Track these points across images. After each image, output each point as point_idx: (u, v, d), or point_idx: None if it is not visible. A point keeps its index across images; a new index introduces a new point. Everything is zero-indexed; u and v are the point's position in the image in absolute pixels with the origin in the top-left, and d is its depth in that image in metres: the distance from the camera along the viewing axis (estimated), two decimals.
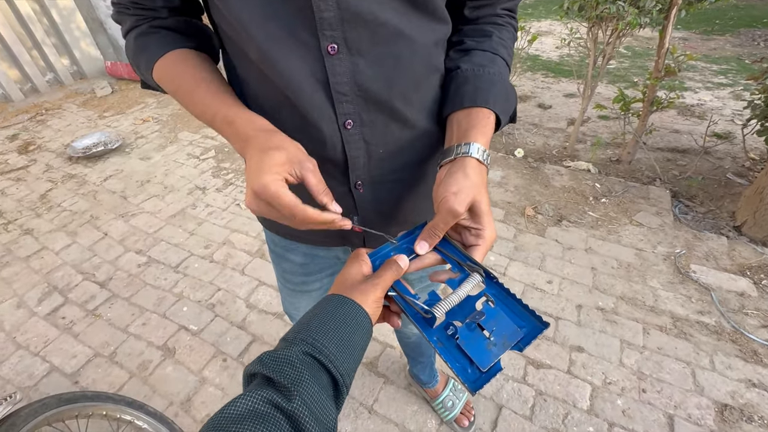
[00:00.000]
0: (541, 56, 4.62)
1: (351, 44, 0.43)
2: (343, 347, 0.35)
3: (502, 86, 0.51)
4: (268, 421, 0.28)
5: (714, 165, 2.45)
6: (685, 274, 1.69)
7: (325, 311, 0.38)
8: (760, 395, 1.27)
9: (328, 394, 0.32)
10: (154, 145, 2.86)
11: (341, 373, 0.34)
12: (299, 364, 0.32)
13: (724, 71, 4.00)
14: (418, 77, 0.50)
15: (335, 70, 0.45)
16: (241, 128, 0.43)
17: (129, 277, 1.80)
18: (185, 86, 0.48)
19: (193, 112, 0.48)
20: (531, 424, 1.22)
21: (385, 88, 0.47)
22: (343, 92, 0.46)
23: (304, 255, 0.71)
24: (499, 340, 0.38)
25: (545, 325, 0.38)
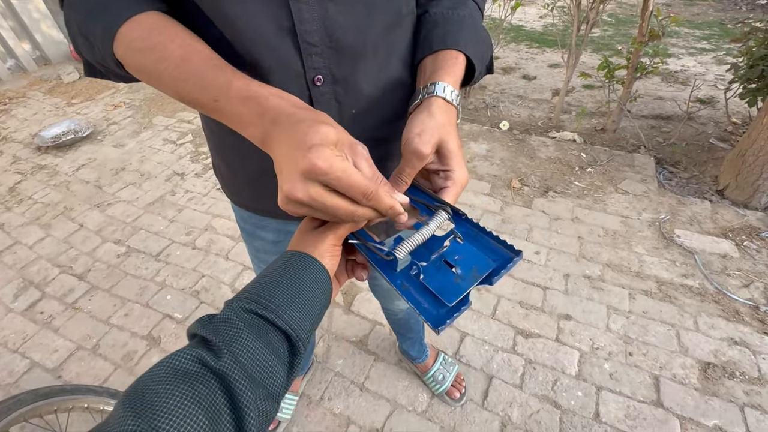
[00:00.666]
0: (525, 27, 4.52)
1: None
2: (292, 300, 0.32)
3: (473, 28, 0.47)
4: (194, 379, 0.25)
5: (697, 130, 2.45)
6: (670, 239, 1.70)
7: (274, 268, 0.35)
8: (742, 352, 1.30)
9: (275, 352, 0.30)
10: (127, 131, 2.75)
11: (292, 328, 0.31)
12: (238, 322, 0.29)
13: (707, 36, 3.98)
14: (390, 26, 0.46)
15: (302, 15, 0.40)
16: (270, 104, 0.34)
17: (108, 268, 1.74)
18: (172, 57, 0.35)
19: (183, 91, 0.36)
20: (521, 393, 1.24)
21: (358, 38, 0.43)
22: (312, 42, 0.41)
23: (276, 231, 0.67)
24: (468, 274, 0.35)
25: (517, 254, 0.35)
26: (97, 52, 0.39)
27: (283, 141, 0.32)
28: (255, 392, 0.27)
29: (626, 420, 1.16)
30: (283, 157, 0.32)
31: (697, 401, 1.19)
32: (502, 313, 1.46)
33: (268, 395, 0.28)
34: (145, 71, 0.37)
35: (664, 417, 1.16)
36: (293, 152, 0.31)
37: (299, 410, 1.23)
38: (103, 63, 0.40)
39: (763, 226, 1.74)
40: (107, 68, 0.41)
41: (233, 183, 0.61)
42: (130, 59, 0.37)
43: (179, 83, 0.36)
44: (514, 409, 1.20)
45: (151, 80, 0.38)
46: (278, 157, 0.32)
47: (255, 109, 0.34)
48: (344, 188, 0.31)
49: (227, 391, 0.26)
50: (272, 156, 0.34)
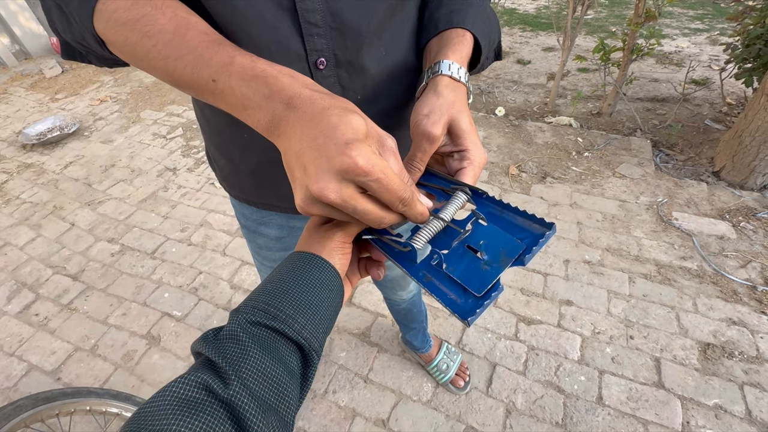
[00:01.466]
0: (518, 10, 4.46)
1: None
2: (304, 307, 0.30)
3: (480, 7, 0.45)
4: (202, 411, 0.23)
5: (692, 112, 2.45)
6: (668, 221, 1.71)
7: (280, 272, 0.32)
8: (740, 332, 1.32)
9: (287, 368, 0.27)
10: (115, 126, 2.68)
11: (305, 337, 0.29)
12: (245, 338, 0.27)
13: (701, 16, 3.95)
14: (395, 6, 0.43)
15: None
16: (280, 84, 0.29)
17: (103, 268, 1.71)
18: (162, 32, 0.31)
19: (174, 72, 0.31)
20: (525, 379, 1.24)
21: (363, 18, 0.40)
22: (314, 22, 0.39)
23: (279, 227, 0.65)
24: (496, 258, 0.32)
25: (549, 227, 0.31)
26: (75, 27, 0.33)
27: (304, 129, 0.28)
28: (267, 421, 0.25)
29: (629, 402, 1.17)
30: (308, 149, 0.27)
31: (697, 381, 1.20)
32: (504, 301, 1.46)
33: (281, 422, 0.26)
34: (129, 47, 0.32)
35: (666, 398, 1.17)
36: (324, 146, 0.26)
37: (304, 404, 1.23)
38: (81, 41, 0.35)
39: (759, 206, 1.75)
40: (87, 47, 0.35)
41: (232, 176, 0.59)
42: (112, 34, 0.32)
43: (170, 62, 0.31)
44: (519, 396, 1.21)
45: (137, 59, 0.32)
46: (298, 148, 0.28)
47: (262, 89, 0.29)
48: (382, 191, 0.27)
49: (237, 422, 0.24)
50: (284, 145, 0.29)
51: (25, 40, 3.64)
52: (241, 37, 0.38)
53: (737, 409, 1.14)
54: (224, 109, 0.32)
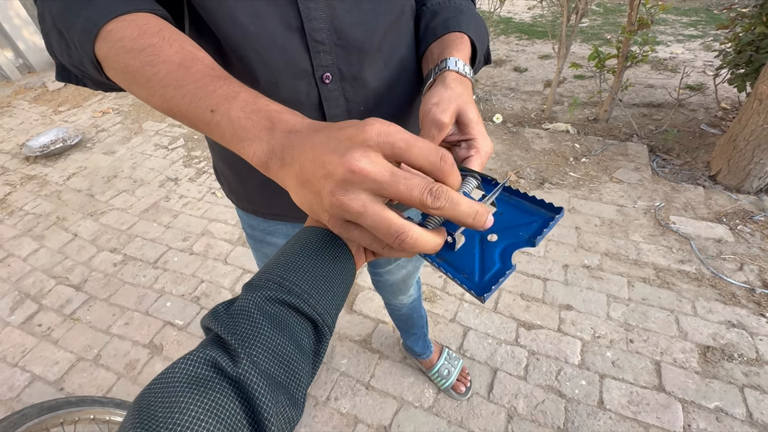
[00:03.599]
0: (514, 18, 4.53)
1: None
2: (318, 282, 0.29)
3: (471, 14, 0.48)
4: (210, 389, 0.22)
5: (688, 117, 2.48)
6: (665, 225, 1.72)
7: (293, 247, 0.31)
8: (740, 334, 1.32)
9: (299, 346, 0.27)
10: (117, 137, 2.71)
11: (319, 313, 0.28)
12: (258, 316, 0.26)
13: (694, 23, 4.01)
14: (393, 22, 0.46)
15: (311, 14, 0.40)
16: (283, 118, 0.29)
17: (105, 277, 1.72)
18: (167, 62, 0.31)
19: (172, 100, 0.31)
20: (526, 384, 1.25)
21: (365, 35, 0.43)
22: (321, 40, 0.42)
23: (286, 237, 0.67)
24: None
25: (558, 212, 0.32)
26: (74, 52, 0.34)
27: (316, 140, 0.27)
28: (277, 399, 0.24)
29: (630, 406, 1.18)
30: (311, 160, 0.26)
31: (698, 384, 1.21)
32: (504, 306, 1.47)
33: (291, 400, 0.26)
34: (129, 75, 0.32)
35: (667, 401, 1.18)
36: (324, 154, 0.26)
37: (306, 411, 1.24)
38: (79, 66, 0.35)
39: (755, 209, 1.76)
40: (83, 71, 0.36)
41: (240, 189, 0.61)
42: (114, 60, 0.32)
43: (169, 90, 0.31)
44: (520, 401, 1.21)
45: (134, 86, 0.33)
46: (312, 159, 0.26)
47: (263, 122, 0.29)
48: (403, 191, 0.26)
49: (246, 401, 0.23)
50: (293, 170, 0.28)
51: (29, 54, 3.70)
52: (251, 56, 0.41)
53: (738, 411, 1.14)
54: (217, 140, 0.31)
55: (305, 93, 0.44)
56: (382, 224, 0.26)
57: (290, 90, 0.44)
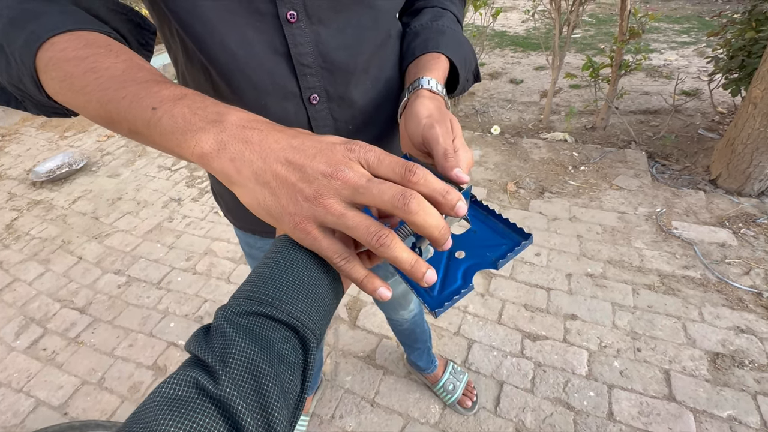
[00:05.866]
0: (508, 32, 4.61)
1: (311, 12, 0.41)
2: (288, 287, 0.28)
3: (452, 35, 0.50)
4: (192, 410, 0.22)
5: (685, 122, 2.49)
6: (668, 231, 1.71)
7: (265, 260, 0.30)
8: (749, 340, 1.30)
9: (278, 355, 0.26)
10: (121, 160, 2.75)
11: (295, 317, 0.27)
12: (230, 330, 0.25)
13: (686, 30, 4.06)
14: (378, 45, 0.48)
15: (296, 39, 0.42)
16: (232, 113, 0.28)
17: (110, 300, 1.73)
18: (110, 68, 0.29)
19: (110, 103, 0.29)
20: (533, 397, 1.23)
21: (350, 58, 0.45)
22: (307, 64, 0.43)
23: None
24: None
25: (526, 238, 0.33)
26: (14, 68, 0.31)
27: (288, 146, 0.27)
28: (263, 416, 0.23)
29: (640, 417, 1.15)
30: (303, 146, 0.27)
31: (709, 393, 1.18)
32: (508, 318, 1.46)
33: (280, 414, 0.25)
34: (68, 82, 0.30)
35: (678, 411, 1.15)
36: (300, 150, 0.27)
37: (312, 430, 1.22)
38: (18, 84, 0.32)
39: (758, 212, 1.75)
40: (23, 91, 0.33)
41: (236, 208, 0.62)
42: (54, 69, 0.30)
43: (109, 92, 0.29)
44: (527, 414, 1.19)
45: (71, 93, 0.30)
46: (281, 150, 0.27)
47: (209, 116, 0.27)
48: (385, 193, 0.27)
49: (230, 419, 0.23)
50: (249, 164, 0.26)
51: None
52: (240, 80, 0.43)
53: (752, 420, 1.12)
54: (156, 140, 0.29)
55: (293, 114, 0.46)
56: (363, 224, 0.26)
57: (279, 111, 0.45)
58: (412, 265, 0.27)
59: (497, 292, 1.55)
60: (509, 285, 1.57)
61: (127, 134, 0.31)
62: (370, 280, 0.29)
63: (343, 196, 0.26)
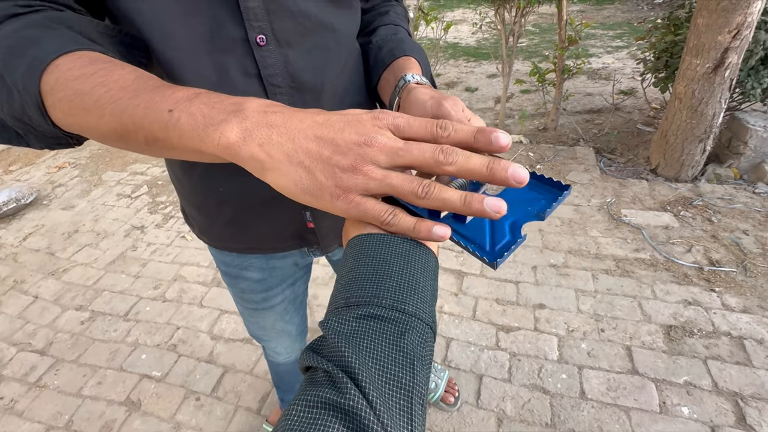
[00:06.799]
0: (460, 43, 4.83)
1: (279, 36, 0.44)
2: (384, 281, 0.27)
3: (413, 44, 0.54)
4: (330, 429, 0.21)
5: (625, 119, 2.71)
6: (618, 219, 1.86)
7: (349, 264, 0.30)
8: (696, 311, 1.43)
9: (403, 352, 0.25)
10: (76, 191, 2.63)
11: (399, 309, 0.26)
12: (356, 333, 0.25)
13: (620, 35, 4.44)
14: (343, 67, 0.52)
15: (266, 61, 0.44)
16: (249, 101, 0.29)
17: (72, 338, 1.63)
18: (120, 80, 0.30)
19: (124, 112, 0.29)
20: (511, 386, 1.28)
21: (317, 78, 0.48)
22: (277, 84, 0.46)
23: (261, 270, 0.69)
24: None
25: (565, 188, 0.34)
26: (16, 97, 0.30)
27: (312, 123, 0.28)
28: (406, 419, 0.23)
29: (609, 393, 1.23)
30: (330, 120, 0.28)
31: (666, 363, 1.29)
32: (482, 313, 1.52)
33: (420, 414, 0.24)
34: (77, 100, 0.29)
35: (641, 383, 1.24)
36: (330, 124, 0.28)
37: None
38: (21, 117, 0.31)
39: (693, 195, 1.94)
40: (26, 123, 0.32)
41: (210, 228, 0.63)
42: (61, 90, 0.29)
43: (122, 102, 0.29)
44: (507, 403, 1.24)
45: (82, 112, 0.30)
46: (311, 124, 0.28)
47: (227, 108, 0.28)
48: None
49: None
50: (270, 152, 0.27)
51: None
52: None
53: (705, 383, 1.23)
54: (174, 144, 0.29)
55: None
56: (406, 179, 0.27)
57: None
58: (463, 201, 0.27)
59: (470, 290, 1.62)
60: (480, 282, 1.64)
61: (143, 145, 0.30)
62: (422, 224, 0.29)
63: (380, 162, 0.27)
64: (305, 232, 0.61)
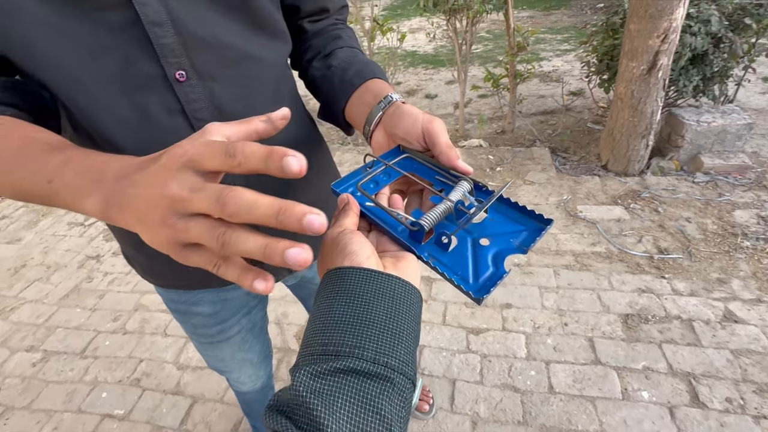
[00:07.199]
0: (418, 51, 4.93)
1: (201, 70, 0.43)
2: (366, 327, 0.26)
3: (374, 65, 0.55)
4: None
5: (576, 119, 2.85)
6: (575, 215, 1.95)
7: (325, 301, 0.28)
8: (650, 298, 1.52)
9: (377, 413, 0.24)
10: (22, 223, 2.46)
11: (382, 363, 0.25)
12: (332, 392, 0.23)
13: (567, 39, 4.68)
14: (274, 94, 0.52)
15: (189, 97, 0.43)
16: (111, 166, 0.29)
17: (23, 382, 1.52)
18: (7, 149, 0.32)
19: (17, 183, 0.32)
20: (483, 387, 1.31)
21: (248, 108, 0.47)
22: (203, 118, 0.45)
23: (212, 303, 0.66)
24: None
25: (548, 223, 0.34)
26: None
27: (139, 183, 0.26)
28: None
29: (575, 385, 1.28)
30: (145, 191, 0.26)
31: (625, 350, 1.36)
32: (452, 317, 1.54)
33: None
34: None
35: (604, 372, 1.30)
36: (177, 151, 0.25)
37: None
38: None
39: (641, 188, 2.06)
40: None
41: (153, 268, 0.61)
42: None
43: (13, 174, 0.31)
44: (481, 405, 1.27)
45: None
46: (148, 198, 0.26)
47: (92, 176, 0.28)
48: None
49: None
50: (126, 217, 0.27)
51: None
52: (133, 143, 0.43)
53: (661, 366, 1.30)
54: (64, 207, 0.30)
55: None
56: (205, 230, 0.24)
57: None
58: (263, 252, 0.24)
59: (439, 295, 1.64)
60: (449, 287, 1.67)
61: (42, 204, 0.32)
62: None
63: (179, 211, 0.25)
64: (253, 262, 0.59)
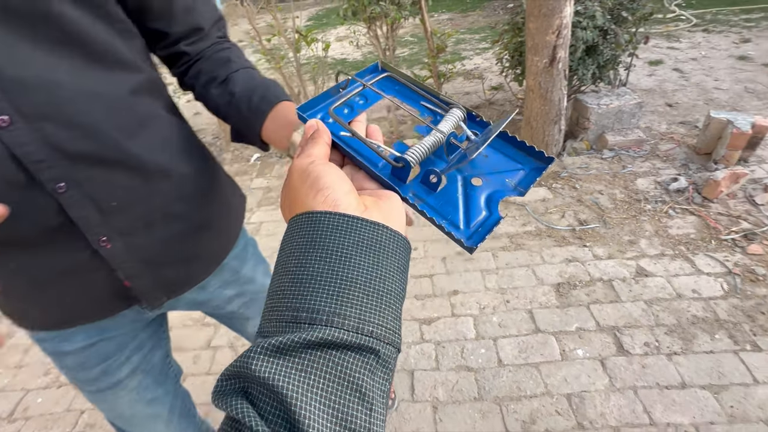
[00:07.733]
0: (348, 59, 5.01)
1: (27, 112, 0.40)
2: (345, 286, 0.21)
3: (273, 84, 0.57)
4: None
5: (499, 111, 3.07)
6: (506, 200, 2.10)
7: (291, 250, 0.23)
8: (576, 266, 1.68)
9: (350, 381, 0.20)
10: None
11: (366, 332, 0.20)
12: (307, 371, 0.19)
13: (484, 38, 5.00)
14: (130, 126, 0.48)
15: (17, 141, 0.40)
16: None
17: None
18: None
19: None
20: (440, 372, 1.38)
21: (91, 144, 0.45)
22: (39, 159, 0.42)
23: (86, 336, 0.58)
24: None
25: (549, 161, 0.30)
26: None
27: None
28: None
29: (521, 355, 1.40)
30: None
31: (560, 316, 1.50)
32: (404, 311, 1.60)
33: None
34: None
35: (544, 339, 1.43)
36: None
37: None
38: None
39: (560, 168, 2.27)
40: None
41: (15, 312, 0.58)
42: None
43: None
44: (439, 390, 1.33)
45: None
46: None
47: None
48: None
49: None
50: None
51: None
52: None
53: (590, 325, 1.45)
54: None
55: (42, 204, 0.45)
56: None
57: (24, 204, 0.43)
58: None
59: None
60: None
61: None
62: None
63: None
64: (125, 292, 0.56)
